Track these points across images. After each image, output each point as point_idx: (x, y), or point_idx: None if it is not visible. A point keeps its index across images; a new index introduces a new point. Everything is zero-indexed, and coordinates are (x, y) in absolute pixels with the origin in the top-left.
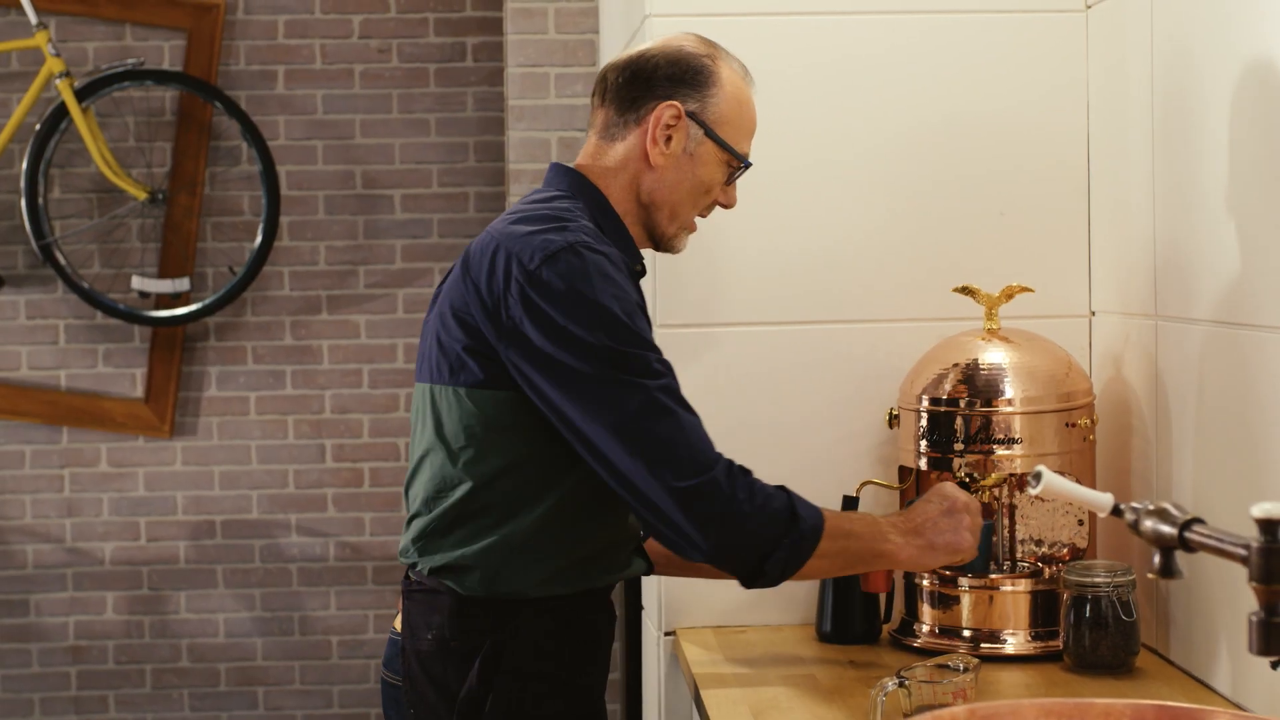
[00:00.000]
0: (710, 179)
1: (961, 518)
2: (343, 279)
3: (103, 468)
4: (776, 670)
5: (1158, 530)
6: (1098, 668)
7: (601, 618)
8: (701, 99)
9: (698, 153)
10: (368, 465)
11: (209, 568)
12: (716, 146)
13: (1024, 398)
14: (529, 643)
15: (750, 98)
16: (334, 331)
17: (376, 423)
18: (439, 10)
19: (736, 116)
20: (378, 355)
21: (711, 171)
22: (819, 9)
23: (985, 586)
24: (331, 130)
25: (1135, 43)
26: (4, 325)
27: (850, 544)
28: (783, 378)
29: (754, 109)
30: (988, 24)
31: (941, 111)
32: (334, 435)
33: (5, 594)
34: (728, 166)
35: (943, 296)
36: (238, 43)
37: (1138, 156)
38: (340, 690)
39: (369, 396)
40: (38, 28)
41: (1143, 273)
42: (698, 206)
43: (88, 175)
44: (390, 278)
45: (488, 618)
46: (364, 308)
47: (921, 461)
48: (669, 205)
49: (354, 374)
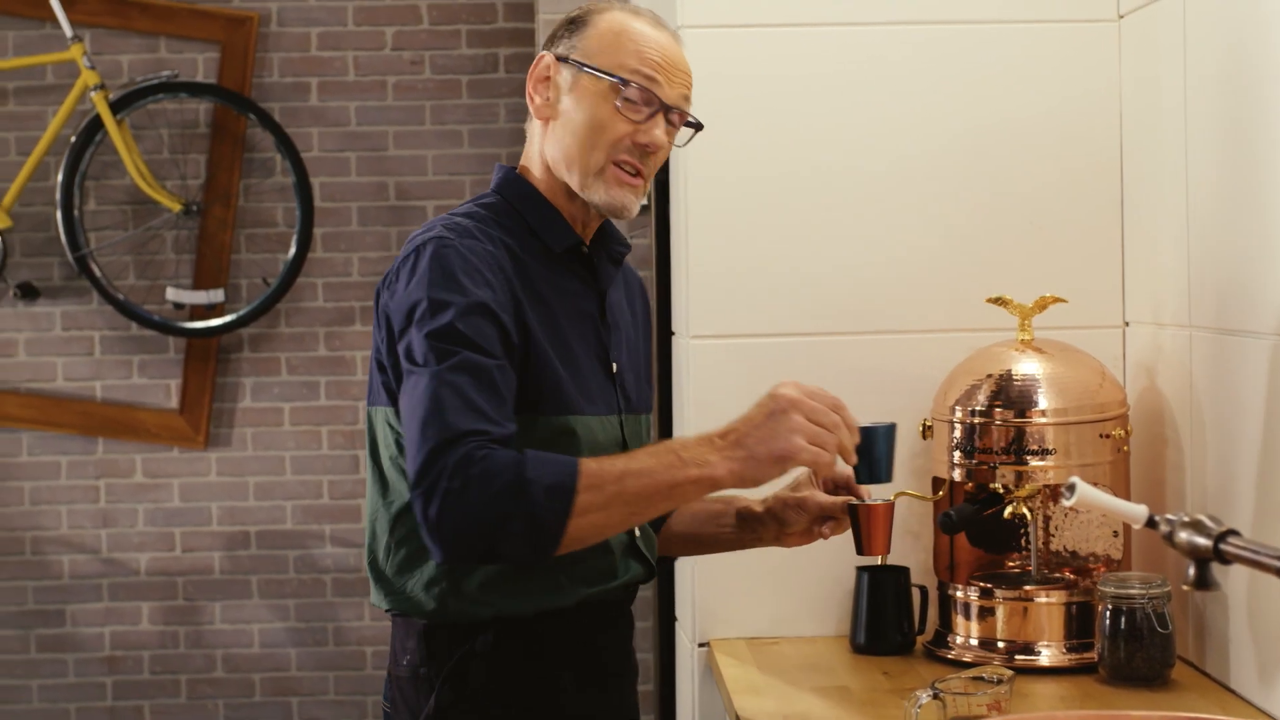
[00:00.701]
0: (598, 114)
1: (787, 418)
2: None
3: (138, 478)
4: (810, 681)
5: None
6: (1133, 680)
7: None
8: (571, 41)
9: (576, 90)
10: None
11: (243, 578)
12: (594, 77)
13: (1057, 409)
14: (485, 668)
15: (638, 28)
16: (367, 343)
17: None
18: (471, 22)
19: (612, 44)
20: None
21: (596, 105)
22: (851, 19)
23: (1020, 598)
24: (364, 142)
25: (1168, 51)
26: (40, 336)
27: (631, 484)
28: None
29: (645, 37)
30: (1021, 33)
31: (974, 122)
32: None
33: (41, 604)
34: (613, 95)
35: (976, 307)
36: (271, 55)
37: (1171, 166)
38: (374, 701)
39: None
40: (73, 40)
41: (1177, 283)
42: (598, 149)
43: (123, 187)
44: None
45: (451, 643)
46: None
47: (955, 472)
48: (565, 157)
49: None
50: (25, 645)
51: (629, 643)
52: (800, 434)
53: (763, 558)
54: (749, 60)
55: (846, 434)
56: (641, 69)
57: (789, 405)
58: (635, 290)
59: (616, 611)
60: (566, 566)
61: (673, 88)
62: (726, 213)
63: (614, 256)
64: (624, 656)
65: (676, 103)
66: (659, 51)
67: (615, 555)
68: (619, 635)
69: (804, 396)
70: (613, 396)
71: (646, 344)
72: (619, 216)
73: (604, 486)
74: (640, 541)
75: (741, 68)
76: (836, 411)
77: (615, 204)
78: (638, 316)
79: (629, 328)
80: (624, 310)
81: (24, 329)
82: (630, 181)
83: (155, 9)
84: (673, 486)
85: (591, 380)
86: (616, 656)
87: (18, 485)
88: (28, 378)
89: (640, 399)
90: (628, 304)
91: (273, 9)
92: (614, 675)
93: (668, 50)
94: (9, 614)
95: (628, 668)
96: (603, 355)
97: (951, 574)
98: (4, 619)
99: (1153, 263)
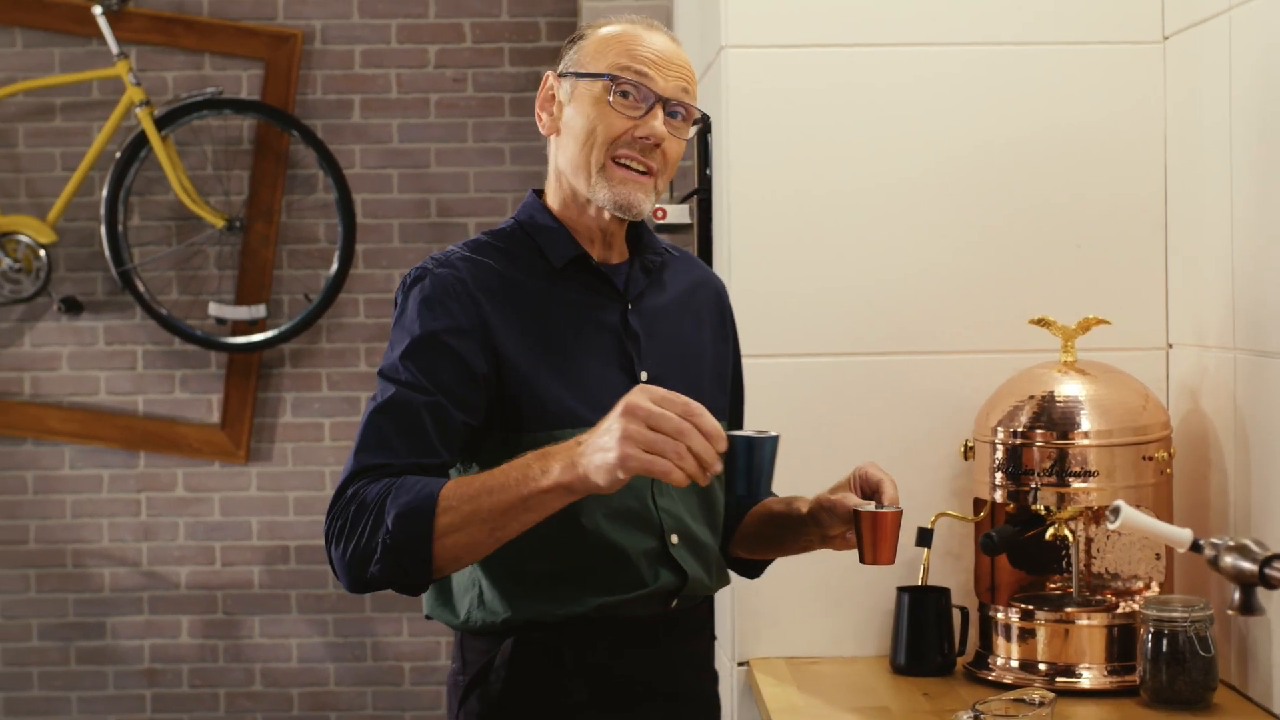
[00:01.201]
0: (593, 114)
1: (622, 425)
2: None
3: (178, 492)
4: (850, 702)
5: (1238, 566)
6: (1175, 704)
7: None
8: (570, 57)
9: (575, 98)
10: None
11: (283, 593)
12: (589, 81)
13: (1100, 430)
14: (503, 677)
15: (629, 31)
16: None
17: None
18: (514, 40)
19: (604, 48)
20: None
21: (591, 106)
22: (894, 41)
23: (1061, 620)
24: (407, 159)
25: (1213, 73)
26: (83, 351)
27: (486, 502)
28: (857, 410)
29: (635, 37)
30: (1066, 55)
31: (1019, 143)
32: None
33: (82, 616)
34: (607, 92)
35: (1018, 328)
36: (315, 72)
37: (1216, 187)
38: (412, 717)
39: None
40: (119, 57)
41: (1221, 305)
42: (598, 146)
43: (166, 203)
44: None
45: (480, 651)
46: None
47: (997, 494)
48: (570, 163)
49: None
50: (65, 657)
51: (676, 664)
52: (633, 442)
53: (803, 577)
54: (792, 80)
55: (699, 441)
56: (632, 65)
57: (625, 411)
58: (704, 299)
59: (651, 627)
60: (578, 574)
61: (668, 80)
62: (767, 232)
63: (647, 265)
64: (666, 678)
65: (673, 94)
66: (650, 48)
67: (640, 564)
68: (657, 654)
69: (646, 402)
70: None
71: (721, 350)
72: (630, 214)
73: (460, 507)
74: (677, 550)
75: (784, 88)
76: (689, 419)
77: (621, 200)
78: (704, 324)
79: (681, 337)
80: (674, 319)
81: (67, 343)
82: (636, 178)
83: (200, 26)
84: (526, 499)
85: (603, 390)
86: (653, 677)
87: (59, 498)
88: (70, 391)
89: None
90: (688, 313)
91: (316, 26)
92: (647, 697)
93: (660, 47)
94: (50, 626)
95: (673, 691)
96: (626, 364)
97: (992, 595)
98: (45, 631)
99: (1197, 284)
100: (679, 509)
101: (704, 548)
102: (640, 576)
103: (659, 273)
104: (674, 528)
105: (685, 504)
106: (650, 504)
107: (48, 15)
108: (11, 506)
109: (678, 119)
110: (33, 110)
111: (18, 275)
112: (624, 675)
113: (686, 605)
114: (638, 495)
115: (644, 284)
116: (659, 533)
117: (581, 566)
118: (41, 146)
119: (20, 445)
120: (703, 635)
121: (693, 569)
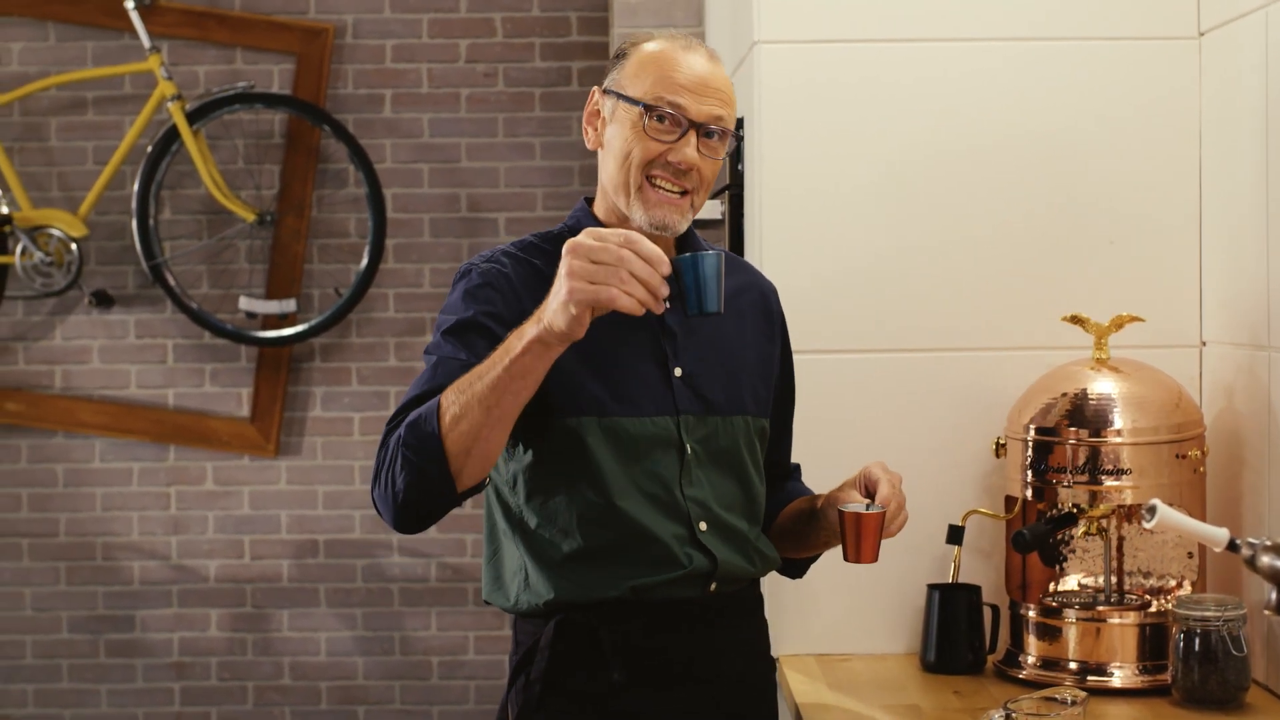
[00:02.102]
0: (629, 138)
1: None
2: None
3: (208, 486)
4: (880, 699)
5: (1275, 566)
6: (1207, 703)
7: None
8: (614, 75)
9: (615, 119)
10: None
11: (311, 586)
12: (627, 105)
13: (1133, 428)
14: (546, 659)
15: (667, 53)
16: None
17: None
18: (545, 35)
19: (643, 72)
20: None
21: (628, 130)
22: (927, 36)
23: (1093, 619)
24: (437, 153)
25: (1249, 69)
26: (114, 344)
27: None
28: (889, 406)
29: (673, 62)
30: (1101, 51)
31: (1052, 138)
32: None
33: (112, 609)
34: (643, 119)
35: (1051, 325)
36: (346, 67)
37: (1251, 184)
38: (440, 710)
39: None
40: (150, 51)
41: (1255, 303)
42: (634, 170)
43: (197, 197)
44: None
45: (528, 634)
46: None
47: (1028, 491)
48: (611, 181)
49: None
50: (95, 650)
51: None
52: (577, 277)
53: (833, 573)
54: (824, 75)
55: (640, 265)
56: (666, 95)
57: (567, 252)
58: (750, 301)
59: (689, 610)
60: (612, 555)
61: (702, 106)
62: (800, 227)
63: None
64: (709, 661)
65: (706, 120)
66: (687, 74)
67: (671, 545)
68: (697, 637)
69: (586, 239)
70: (668, 400)
71: (767, 351)
72: (666, 234)
73: (458, 399)
74: (706, 536)
75: (816, 82)
76: (628, 244)
77: (657, 222)
78: (747, 325)
79: (721, 336)
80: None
81: (98, 336)
82: (672, 200)
83: (232, 20)
84: (509, 368)
85: (636, 384)
86: (694, 659)
87: (90, 491)
88: (101, 385)
89: (735, 402)
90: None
91: (348, 21)
92: (688, 679)
93: (697, 71)
94: (79, 619)
95: (716, 674)
96: (660, 360)
97: (1024, 593)
98: (74, 624)
99: (1231, 282)
100: (708, 497)
101: (737, 534)
102: (673, 557)
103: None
104: (701, 516)
105: (715, 493)
106: (678, 493)
107: (80, 9)
108: (42, 499)
109: (713, 139)
110: (65, 104)
111: (49, 268)
112: (663, 657)
113: (727, 589)
114: (665, 484)
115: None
116: (686, 521)
117: (615, 547)
118: (73, 140)
119: (51, 438)
120: (752, 620)
121: (724, 554)
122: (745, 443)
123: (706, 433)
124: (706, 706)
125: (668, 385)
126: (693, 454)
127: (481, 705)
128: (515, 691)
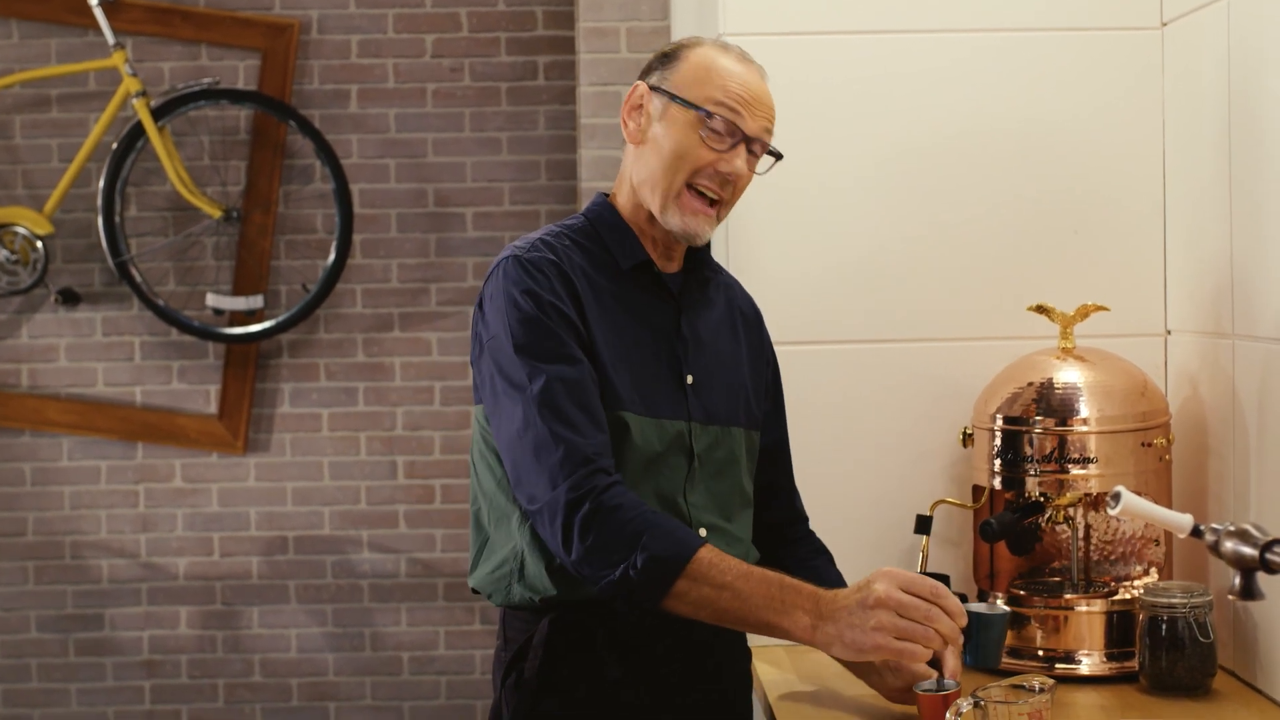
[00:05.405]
0: (683, 141)
1: (875, 615)
2: (415, 297)
3: (177, 483)
4: (850, 689)
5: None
6: (1174, 689)
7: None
8: (664, 72)
9: (665, 119)
10: (439, 482)
11: (281, 583)
12: (682, 108)
13: (1099, 417)
14: (539, 655)
15: (725, 64)
16: (406, 349)
17: (448, 440)
18: (511, 30)
19: (701, 78)
20: (449, 373)
21: (681, 133)
22: (891, 28)
23: (1060, 607)
24: (404, 149)
25: (1211, 59)
26: (80, 342)
27: (725, 600)
28: (856, 396)
29: (731, 73)
30: (1063, 41)
31: (1017, 130)
32: (405, 452)
33: (81, 608)
34: (699, 125)
35: (1017, 315)
36: (312, 62)
37: (1214, 174)
38: (411, 706)
39: (440, 414)
40: (115, 48)
41: (1220, 291)
42: (678, 173)
43: (163, 193)
44: (462, 295)
45: (519, 629)
46: (435, 325)
47: (995, 481)
48: (649, 179)
49: (425, 391)
50: (64, 649)
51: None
52: (886, 631)
53: None
54: (790, 68)
55: (946, 624)
56: (726, 101)
57: (877, 603)
58: (742, 322)
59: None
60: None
61: (755, 120)
62: (766, 220)
63: (701, 278)
64: (701, 658)
65: (758, 134)
66: (743, 86)
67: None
68: (690, 636)
69: (897, 590)
70: (680, 405)
71: (759, 370)
72: (691, 242)
73: (701, 587)
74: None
75: (782, 75)
76: (936, 600)
77: (689, 230)
78: (741, 340)
79: (723, 348)
80: (721, 332)
81: (65, 334)
82: (705, 211)
83: (197, 17)
84: (759, 624)
85: (653, 385)
86: (687, 657)
87: (58, 490)
88: (68, 383)
89: (733, 414)
90: (730, 328)
91: (313, 16)
92: (682, 676)
93: (752, 85)
94: (48, 618)
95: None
96: (675, 366)
97: (991, 582)
98: (43, 623)
99: (1195, 271)
100: (708, 504)
101: (737, 541)
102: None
103: (707, 287)
104: (702, 522)
105: (715, 501)
106: (681, 499)
107: (44, 6)
108: (9, 498)
109: (755, 154)
110: (29, 101)
111: (14, 267)
112: (657, 654)
113: None
114: (672, 488)
115: (696, 295)
116: (687, 524)
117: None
118: (38, 138)
119: (18, 437)
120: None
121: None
122: (741, 454)
123: (710, 441)
124: (697, 702)
125: (681, 391)
126: (698, 461)
127: (452, 700)
128: (508, 689)
